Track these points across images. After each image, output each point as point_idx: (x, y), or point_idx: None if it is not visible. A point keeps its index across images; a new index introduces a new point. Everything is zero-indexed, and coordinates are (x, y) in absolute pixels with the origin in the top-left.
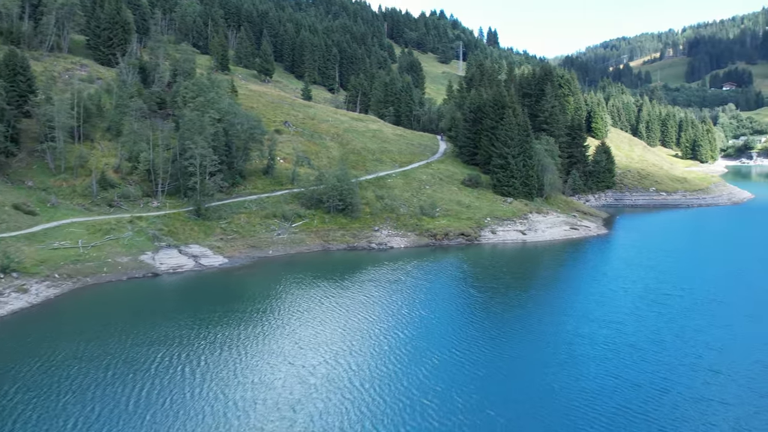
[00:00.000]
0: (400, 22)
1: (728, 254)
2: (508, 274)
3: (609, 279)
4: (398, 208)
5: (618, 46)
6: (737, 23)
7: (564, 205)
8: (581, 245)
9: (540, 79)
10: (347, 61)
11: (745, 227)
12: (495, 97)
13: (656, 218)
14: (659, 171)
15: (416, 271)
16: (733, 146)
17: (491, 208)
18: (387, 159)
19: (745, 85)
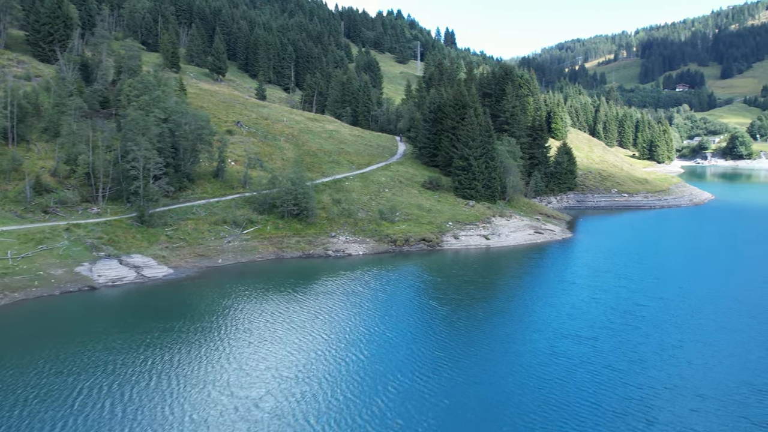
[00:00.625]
0: (357, 21)
1: (696, 259)
2: (472, 284)
3: (579, 288)
4: (356, 212)
5: (573, 47)
6: (688, 26)
7: (527, 208)
8: (547, 250)
9: (500, 78)
10: (303, 60)
11: (709, 230)
12: (456, 96)
13: (619, 221)
14: (620, 172)
15: (375, 281)
16: (688, 147)
17: (453, 211)
18: (344, 161)
19: (697, 86)
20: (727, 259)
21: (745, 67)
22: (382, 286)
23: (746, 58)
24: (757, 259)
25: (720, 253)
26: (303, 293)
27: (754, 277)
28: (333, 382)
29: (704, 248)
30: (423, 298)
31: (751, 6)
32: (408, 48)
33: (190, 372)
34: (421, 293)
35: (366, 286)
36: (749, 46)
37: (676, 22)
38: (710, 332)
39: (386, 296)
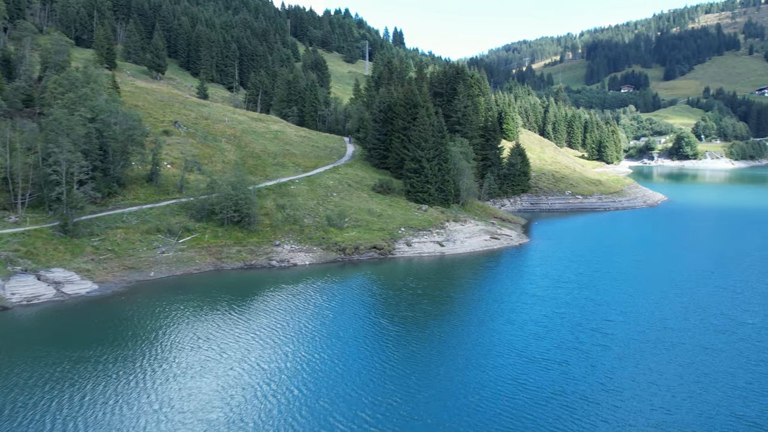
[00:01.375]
0: (304, 19)
1: (660, 265)
2: (426, 298)
3: (540, 302)
4: (302, 218)
5: (519, 49)
6: (631, 28)
7: (481, 212)
8: (504, 258)
9: (451, 77)
10: (248, 58)
11: (667, 232)
12: (406, 95)
13: (575, 224)
14: (573, 173)
15: (321, 296)
16: (634, 147)
17: (405, 216)
18: (290, 163)
19: (642, 87)
20: (691, 266)
21: (687, 69)
22: (329, 301)
23: (688, 61)
24: (721, 266)
25: (684, 259)
26: (241, 311)
27: (724, 287)
28: (268, 423)
29: (666, 254)
30: (373, 316)
31: (691, 10)
32: (356, 47)
33: (100, 413)
34: (371, 310)
35: (311, 302)
36: (690, 49)
37: (619, 25)
38: (687, 352)
39: (332, 314)
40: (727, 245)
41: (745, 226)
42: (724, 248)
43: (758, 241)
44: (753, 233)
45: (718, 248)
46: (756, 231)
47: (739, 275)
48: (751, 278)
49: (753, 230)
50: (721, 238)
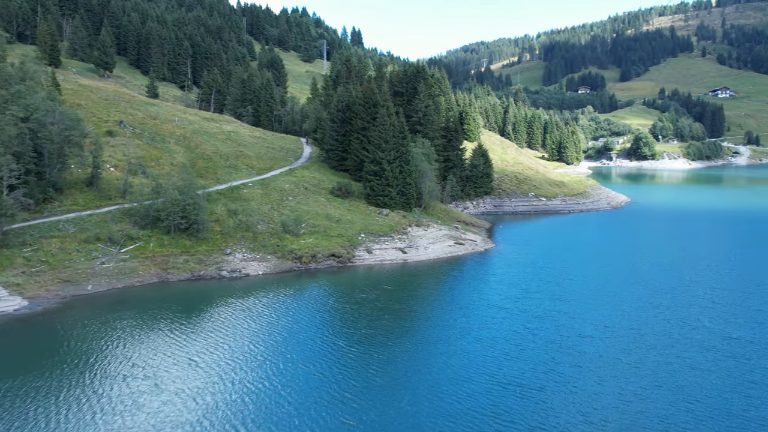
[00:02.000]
0: (260, 17)
1: (631, 271)
2: (388, 313)
3: (510, 315)
4: (255, 225)
5: (478, 50)
6: (587, 30)
7: (444, 216)
8: (469, 265)
9: (412, 76)
10: (201, 56)
11: (634, 235)
12: (366, 94)
13: (540, 227)
14: (536, 175)
15: (273, 311)
16: (593, 147)
17: (365, 222)
18: (243, 165)
19: (599, 88)
20: (665, 272)
21: (642, 71)
22: (281, 318)
23: (643, 62)
24: (697, 272)
25: (656, 264)
26: (183, 331)
27: (703, 295)
28: None
29: (637, 258)
30: (329, 336)
31: (645, 12)
32: (314, 47)
33: None
34: (327, 328)
35: (262, 319)
36: (645, 50)
37: (575, 26)
38: (675, 374)
39: (285, 334)
40: (698, 249)
41: (712, 228)
42: (696, 252)
43: (728, 244)
44: (721, 235)
45: (690, 252)
46: (724, 233)
47: (717, 282)
48: (730, 285)
49: (720, 232)
50: (690, 242)
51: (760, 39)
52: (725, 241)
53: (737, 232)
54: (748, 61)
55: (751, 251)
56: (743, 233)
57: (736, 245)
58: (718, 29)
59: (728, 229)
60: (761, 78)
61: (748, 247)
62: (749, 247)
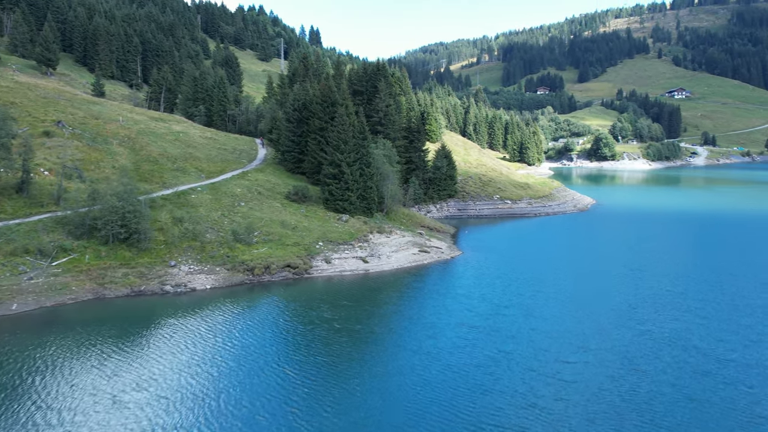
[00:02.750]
0: (215, 15)
1: (608, 282)
2: (347, 335)
3: (483, 336)
4: (204, 233)
5: (437, 50)
6: (545, 31)
7: (407, 221)
8: (435, 276)
9: (372, 74)
10: (152, 53)
11: (605, 240)
12: (323, 92)
13: (506, 232)
14: (500, 176)
15: (218, 334)
16: (553, 148)
17: (324, 229)
18: (192, 168)
19: (557, 89)
20: (642, 282)
21: (600, 72)
22: (227, 343)
23: (600, 63)
24: (677, 282)
25: (632, 273)
26: (115, 359)
27: (688, 309)
28: None
29: (612, 267)
30: (279, 364)
31: (602, 14)
32: (271, 45)
33: None
34: (277, 354)
35: (205, 344)
36: (603, 52)
37: (533, 28)
38: (672, 408)
39: (229, 362)
40: (671, 254)
41: (681, 231)
42: (669, 258)
43: (699, 249)
44: (691, 239)
45: (663, 258)
46: (693, 237)
47: (698, 292)
48: (712, 296)
49: (690, 235)
50: (661, 246)
51: (714, 41)
52: (696, 245)
53: (706, 235)
54: (703, 63)
55: (724, 256)
56: (712, 237)
57: (708, 250)
58: (673, 31)
59: (697, 232)
60: (715, 80)
61: (720, 252)
62: (720, 251)
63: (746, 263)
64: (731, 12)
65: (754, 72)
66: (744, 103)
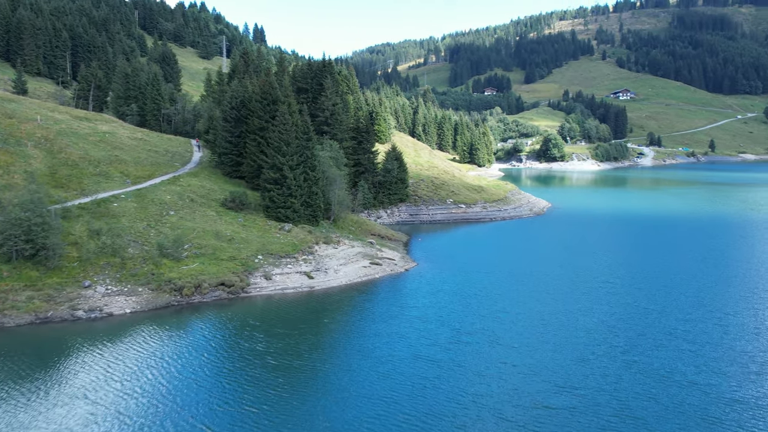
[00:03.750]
0: (154, 11)
1: (577, 295)
2: (284, 374)
3: (447, 374)
4: (125, 248)
5: (384, 51)
6: (491, 33)
7: (357, 228)
8: (387, 293)
9: (317, 71)
10: (83, 49)
11: (568, 248)
12: (264, 89)
13: (462, 238)
14: (453, 179)
15: (131, 373)
16: (502, 149)
17: (264, 240)
18: (117, 173)
19: (505, 90)
20: (615, 298)
21: (546, 73)
22: (139, 386)
23: (546, 65)
24: (649, 295)
25: (603, 288)
26: (8, 403)
27: (668, 332)
28: None
29: (579, 279)
30: (200, 415)
31: (547, 16)
32: (213, 43)
33: None
34: (200, 401)
35: (115, 387)
36: (548, 53)
37: (479, 29)
38: None
39: (138, 414)
40: (639, 263)
41: (643, 235)
42: (642, 267)
43: (667, 255)
44: (657, 245)
45: (635, 268)
46: (657, 241)
47: (680, 311)
48: (697, 316)
49: (653, 240)
50: (630, 254)
51: (656, 44)
52: (661, 252)
53: (668, 240)
54: (646, 65)
55: (693, 262)
56: (674, 241)
57: (675, 256)
58: (616, 34)
59: (658, 235)
60: (659, 81)
61: (688, 257)
62: (687, 257)
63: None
64: (672, 15)
65: (695, 74)
66: (687, 105)
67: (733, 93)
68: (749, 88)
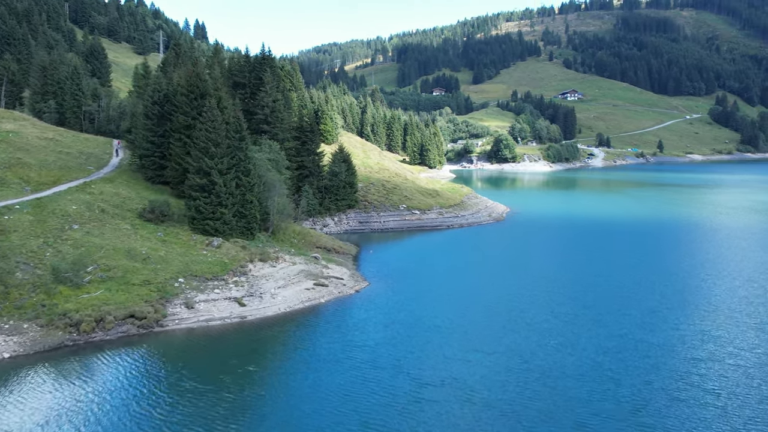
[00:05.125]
0: (85, 3)
1: (559, 326)
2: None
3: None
4: (11, 272)
5: (330, 51)
6: (438, 33)
7: (300, 241)
8: (334, 324)
9: (256, 65)
10: (2, 41)
11: (534, 258)
12: (190, 81)
13: (417, 249)
14: (405, 182)
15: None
16: (452, 150)
17: (187, 259)
18: (15, 179)
19: (453, 90)
20: (604, 326)
21: (494, 73)
22: None
23: (494, 65)
24: (632, 319)
25: (585, 315)
26: None
27: (657, 365)
28: None
29: (557, 303)
30: None
31: (494, 17)
32: (150, 39)
33: None
34: None
35: None
36: (496, 54)
37: (427, 29)
38: None
39: None
40: (616, 276)
41: (614, 243)
42: (617, 283)
43: (643, 267)
44: (628, 253)
45: (609, 285)
46: (628, 250)
47: (665, 340)
48: (686, 351)
49: (623, 248)
50: (601, 265)
51: (602, 45)
52: (638, 262)
53: (633, 248)
54: (592, 66)
55: (669, 275)
56: (639, 248)
57: (650, 268)
58: (562, 35)
59: (629, 242)
60: (605, 82)
61: (661, 272)
62: (661, 270)
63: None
64: (616, 17)
65: (641, 75)
66: (633, 105)
67: (677, 94)
68: (693, 90)
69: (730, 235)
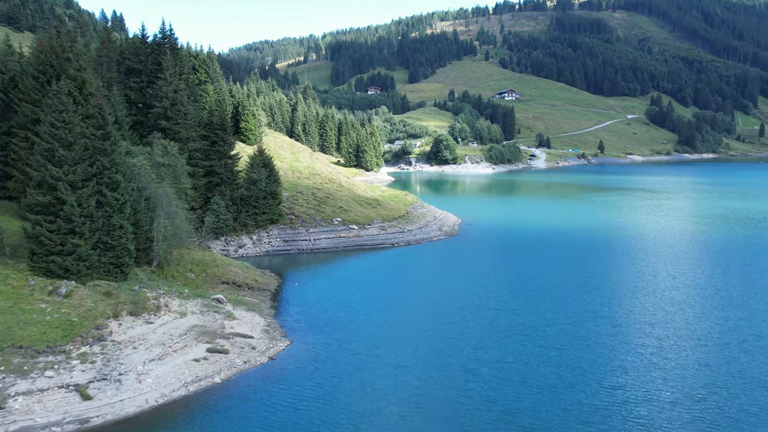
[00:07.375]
0: None
1: (543, 385)
2: None
3: None
4: None
5: (262, 48)
6: (373, 32)
7: (199, 274)
8: (233, 425)
9: (155, 48)
10: None
11: (503, 287)
12: (42, 57)
13: (355, 279)
14: (340, 190)
15: None
16: (390, 151)
17: (12, 318)
18: None
19: (389, 89)
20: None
21: (430, 72)
22: None
23: (430, 64)
24: (622, 367)
25: (572, 377)
26: None
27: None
28: None
29: (539, 362)
30: None
31: (428, 17)
32: None
33: None
34: None
35: None
36: (432, 53)
37: (361, 28)
38: None
39: None
40: (600, 306)
41: (588, 259)
42: (600, 314)
43: (620, 291)
44: (607, 273)
45: (592, 319)
46: (605, 267)
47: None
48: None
49: (600, 265)
50: (580, 294)
51: (537, 45)
52: (617, 284)
53: (608, 262)
54: (529, 66)
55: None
56: (615, 264)
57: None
58: (497, 35)
59: (600, 257)
60: (542, 82)
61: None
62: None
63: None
64: (550, 18)
65: (577, 75)
66: (571, 106)
67: (613, 95)
68: (628, 90)
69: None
